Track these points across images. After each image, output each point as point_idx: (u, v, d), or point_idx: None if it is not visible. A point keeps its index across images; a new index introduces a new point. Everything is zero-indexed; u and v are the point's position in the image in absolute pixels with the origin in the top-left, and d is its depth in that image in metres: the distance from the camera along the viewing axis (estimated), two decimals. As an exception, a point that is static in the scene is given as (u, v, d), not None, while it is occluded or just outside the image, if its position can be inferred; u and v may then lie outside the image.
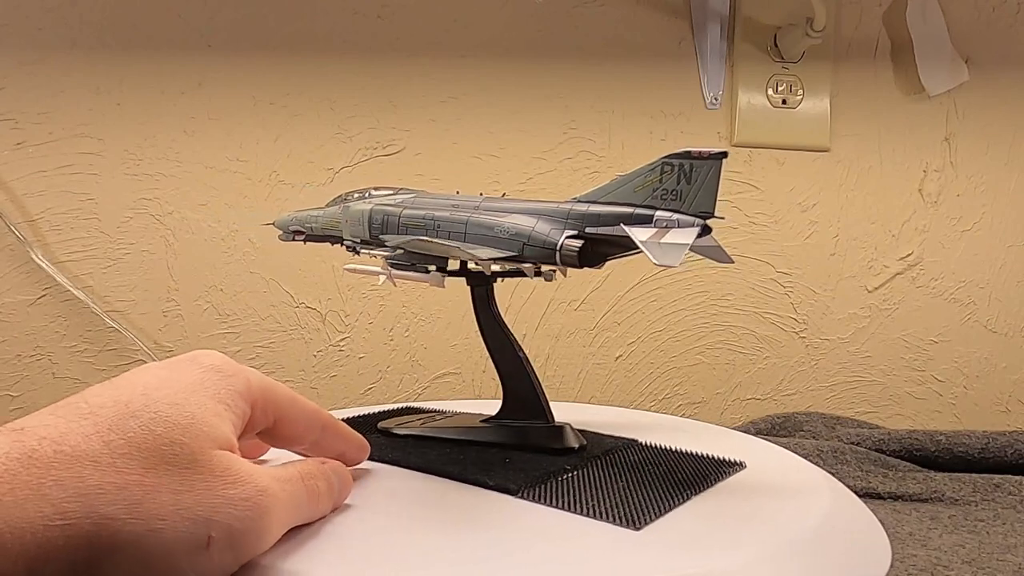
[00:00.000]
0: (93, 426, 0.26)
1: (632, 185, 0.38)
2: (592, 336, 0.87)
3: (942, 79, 0.89)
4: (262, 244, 0.82)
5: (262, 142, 0.81)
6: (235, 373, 0.31)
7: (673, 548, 0.31)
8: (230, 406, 0.30)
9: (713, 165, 0.35)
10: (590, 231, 0.39)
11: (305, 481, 0.32)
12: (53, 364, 0.79)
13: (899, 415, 0.92)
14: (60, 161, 0.78)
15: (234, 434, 0.30)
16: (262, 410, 0.32)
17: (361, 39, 0.82)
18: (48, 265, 0.77)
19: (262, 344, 0.82)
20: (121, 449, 0.26)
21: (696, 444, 0.46)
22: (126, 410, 0.27)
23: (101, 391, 0.28)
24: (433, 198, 0.46)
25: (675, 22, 0.87)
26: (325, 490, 0.33)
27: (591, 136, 0.86)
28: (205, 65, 0.80)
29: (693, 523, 0.34)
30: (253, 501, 0.28)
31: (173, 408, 0.28)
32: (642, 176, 0.37)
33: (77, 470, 0.25)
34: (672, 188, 0.36)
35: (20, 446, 0.25)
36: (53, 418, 0.27)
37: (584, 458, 0.42)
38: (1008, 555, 0.50)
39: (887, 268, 0.91)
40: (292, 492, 0.31)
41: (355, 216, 0.47)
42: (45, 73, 0.78)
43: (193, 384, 0.29)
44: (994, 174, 0.92)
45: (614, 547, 0.31)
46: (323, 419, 0.36)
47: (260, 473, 0.29)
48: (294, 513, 0.31)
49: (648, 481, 0.39)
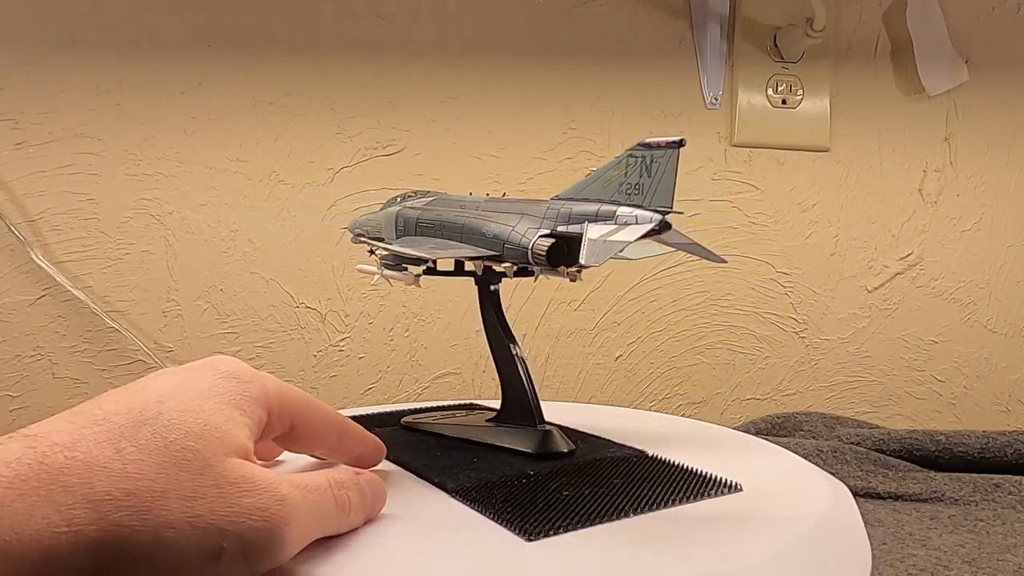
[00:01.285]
0: (106, 433, 0.26)
1: (602, 180, 0.37)
2: (592, 336, 0.87)
3: (942, 79, 0.89)
4: (262, 244, 0.82)
5: (262, 142, 0.81)
6: (251, 379, 0.31)
7: (674, 548, 0.31)
8: (246, 412, 0.30)
9: (670, 155, 0.34)
10: (561, 230, 0.38)
11: (334, 490, 0.31)
12: (53, 364, 0.79)
13: (899, 415, 0.92)
14: (60, 161, 0.78)
15: (250, 440, 0.29)
16: (278, 416, 0.32)
17: (361, 39, 0.82)
18: (48, 265, 0.77)
19: (262, 344, 0.82)
20: (132, 456, 0.25)
21: (696, 444, 0.46)
22: (140, 417, 0.27)
23: (116, 397, 0.28)
24: (447, 201, 0.47)
25: (675, 22, 0.87)
26: (357, 501, 0.32)
27: (591, 136, 0.86)
28: (205, 65, 0.80)
29: (692, 523, 0.34)
30: (270, 511, 0.26)
31: (187, 415, 0.27)
32: (611, 170, 0.36)
33: (87, 477, 0.25)
34: (635, 182, 0.35)
35: (32, 452, 0.25)
36: (67, 424, 0.26)
37: (561, 464, 0.41)
38: (1008, 555, 0.50)
39: (887, 268, 0.91)
40: (316, 502, 0.29)
41: (388, 219, 0.48)
42: (45, 73, 0.78)
43: (208, 390, 0.29)
44: (994, 174, 0.92)
45: (512, 554, 0.30)
46: (340, 422, 0.36)
47: (280, 482, 0.28)
48: (318, 524, 0.30)
49: (608, 493, 0.36)
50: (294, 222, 0.82)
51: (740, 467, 0.43)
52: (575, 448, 0.43)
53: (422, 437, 0.48)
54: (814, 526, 0.35)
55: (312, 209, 0.82)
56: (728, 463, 0.44)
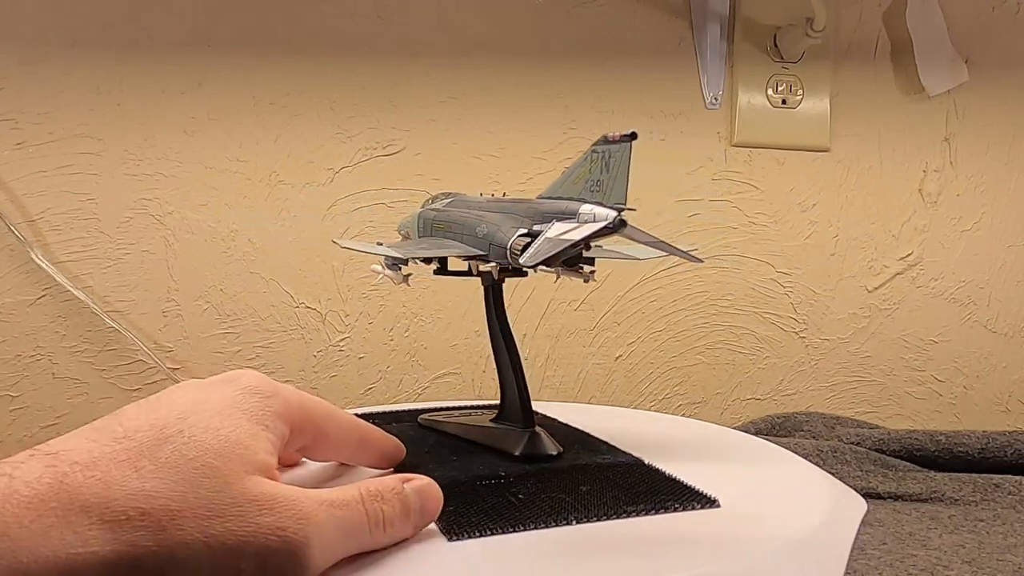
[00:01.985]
0: (126, 451, 0.26)
1: (572, 178, 0.36)
2: (592, 336, 0.87)
3: (942, 79, 0.89)
4: (262, 244, 0.82)
5: (262, 142, 0.81)
6: (273, 393, 0.30)
7: (672, 549, 0.31)
8: (268, 427, 0.29)
9: (623, 149, 0.33)
10: (536, 228, 0.37)
11: (367, 504, 0.29)
12: (53, 364, 0.79)
13: (899, 415, 0.92)
14: (60, 161, 0.78)
15: (273, 456, 0.29)
16: (300, 429, 0.31)
17: (361, 39, 0.82)
18: (48, 265, 0.77)
19: (262, 344, 0.82)
20: (151, 474, 0.25)
21: (695, 444, 0.46)
22: (160, 435, 0.26)
23: (137, 413, 0.28)
24: (462, 202, 0.47)
25: (675, 22, 0.87)
26: (395, 513, 0.30)
27: (591, 136, 0.86)
28: (205, 65, 0.80)
29: (692, 524, 0.34)
30: (290, 530, 0.26)
31: (208, 431, 0.27)
32: (579, 167, 0.36)
33: (105, 496, 0.24)
34: (597, 178, 0.34)
35: (52, 471, 0.25)
36: (87, 442, 0.26)
37: (540, 467, 0.41)
38: (1008, 555, 0.50)
39: (887, 268, 0.91)
40: (345, 518, 0.28)
41: (414, 220, 0.49)
42: (45, 73, 0.78)
43: (231, 406, 0.29)
44: (994, 174, 0.92)
45: (425, 552, 0.30)
46: (359, 428, 0.35)
47: (302, 499, 0.27)
48: (345, 541, 0.28)
49: (567, 499, 0.36)
50: (294, 222, 0.82)
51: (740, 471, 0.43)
52: (562, 452, 0.43)
53: (426, 434, 0.49)
54: (814, 526, 0.34)
55: (312, 209, 0.82)
56: (729, 465, 0.44)
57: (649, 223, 0.87)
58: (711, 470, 0.42)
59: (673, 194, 0.88)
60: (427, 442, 0.47)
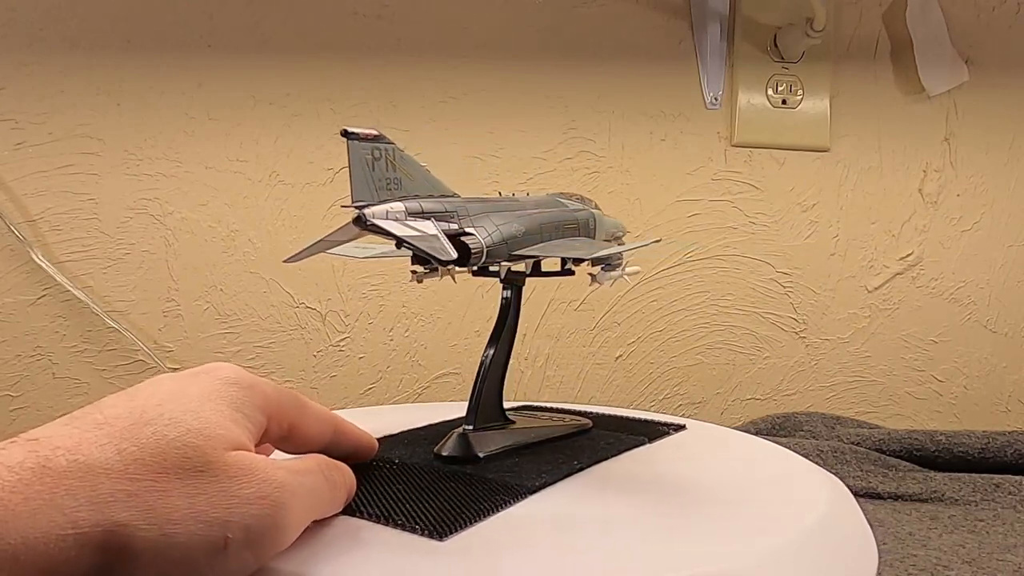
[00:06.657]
0: (107, 436, 0.26)
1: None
2: (592, 336, 0.87)
3: (942, 79, 0.89)
4: (262, 244, 0.82)
5: (262, 142, 0.81)
6: (252, 385, 0.31)
7: (672, 548, 0.31)
8: (247, 415, 0.30)
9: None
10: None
11: (325, 472, 0.32)
12: (53, 364, 0.79)
13: (899, 415, 0.92)
14: (60, 161, 0.78)
15: (250, 441, 0.30)
16: (277, 421, 0.32)
17: (361, 39, 0.82)
18: (48, 265, 0.77)
19: (262, 344, 0.82)
20: (133, 456, 0.26)
21: (695, 443, 0.46)
22: (140, 419, 0.27)
23: (116, 401, 0.28)
24: (469, 203, 0.47)
25: (675, 22, 0.87)
26: (341, 481, 0.33)
27: (591, 136, 0.86)
28: (205, 65, 0.80)
29: (691, 524, 0.34)
30: (270, 498, 0.27)
31: (187, 414, 0.28)
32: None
33: (90, 479, 0.25)
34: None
35: (35, 456, 0.25)
36: (68, 428, 0.27)
37: (437, 465, 0.40)
38: (1008, 555, 0.50)
39: (887, 268, 0.91)
40: (311, 484, 0.30)
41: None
42: (45, 73, 0.78)
43: (210, 394, 0.29)
44: (994, 174, 0.92)
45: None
46: (334, 422, 0.36)
47: (275, 468, 0.28)
48: (313, 505, 0.31)
49: (422, 496, 0.35)
50: (294, 222, 0.82)
51: (740, 470, 0.43)
52: (480, 457, 0.41)
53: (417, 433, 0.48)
54: (814, 526, 0.35)
55: (312, 209, 0.82)
56: (729, 465, 0.44)
57: (649, 223, 0.87)
58: (711, 470, 0.42)
59: (673, 194, 0.88)
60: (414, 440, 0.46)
